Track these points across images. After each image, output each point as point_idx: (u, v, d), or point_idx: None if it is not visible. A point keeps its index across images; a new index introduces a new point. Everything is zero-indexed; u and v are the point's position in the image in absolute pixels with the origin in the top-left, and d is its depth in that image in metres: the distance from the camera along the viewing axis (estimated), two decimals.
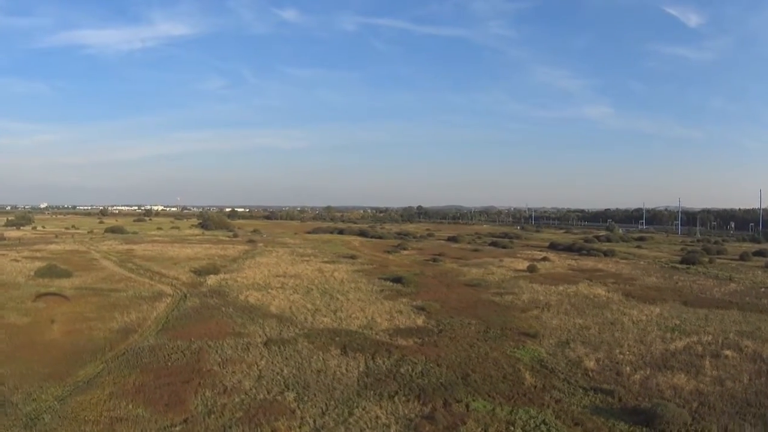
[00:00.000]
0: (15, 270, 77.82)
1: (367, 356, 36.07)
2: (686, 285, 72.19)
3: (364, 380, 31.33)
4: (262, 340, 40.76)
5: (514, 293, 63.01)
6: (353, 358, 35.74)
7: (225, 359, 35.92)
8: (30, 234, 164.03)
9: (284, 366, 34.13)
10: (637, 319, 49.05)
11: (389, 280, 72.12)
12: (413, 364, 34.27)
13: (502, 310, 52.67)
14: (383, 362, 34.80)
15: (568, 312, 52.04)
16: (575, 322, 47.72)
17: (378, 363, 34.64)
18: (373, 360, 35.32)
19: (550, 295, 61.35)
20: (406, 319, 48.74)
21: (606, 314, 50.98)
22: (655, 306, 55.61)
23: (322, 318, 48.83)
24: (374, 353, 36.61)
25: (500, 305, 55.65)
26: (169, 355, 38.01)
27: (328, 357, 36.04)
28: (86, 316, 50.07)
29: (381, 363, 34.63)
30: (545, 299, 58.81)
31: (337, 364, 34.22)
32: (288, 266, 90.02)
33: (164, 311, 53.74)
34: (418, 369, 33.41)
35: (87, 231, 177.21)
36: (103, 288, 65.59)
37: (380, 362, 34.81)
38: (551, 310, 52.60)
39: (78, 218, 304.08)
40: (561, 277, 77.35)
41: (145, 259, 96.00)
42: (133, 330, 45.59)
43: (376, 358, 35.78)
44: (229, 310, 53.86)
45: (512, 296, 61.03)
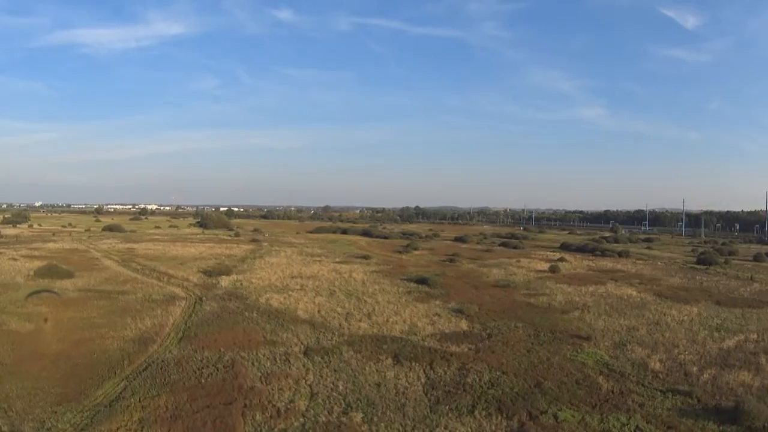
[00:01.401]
0: (13, 270, 72.72)
1: (424, 366, 33.35)
2: (711, 285, 71.23)
3: (432, 393, 28.74)
4: (300, 349, 37.39)
5: (545, 294, 61.22)
6: (409, 368, 32.90)
7: (266, 373, 32.15)
8: (27, 232, 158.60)
9: (337, 380, 30.85)
10: (679, 319, 48.46)
11: (413, 281, 69.79)
12: (478, 373, 31.99)
13: (541, 312, 51.03)
14: (444, 372, 32.31)
15: (609, 313, 50.84)
16: (620, 323, 46.56)
17: (439, 373, 32.10)
18: (432, 369, 32.69)
19: (584, 296, 59.84)
20: (448, 322, 46.41)
21: (646, 315, 50.17)
22: (690, 306, 54.99)
23: (358, 323, 45.76)
24: (431, 362, 33.96)
25: (538, 307, 53.93)
26: (200, 370, 33.25)
27: (382, 368, 33.08)
28: (95, 323, 45.12)
29: (442, 373, 32.12)
30: (580, 300, 57.33)
31: (394, 376, 31.40)
32: (301, 267, 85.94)
33: (181, 316, 48.88)
34: (485, 378, 31.16)
35: (84, 229, 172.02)
36: (109, 290, 60.55)
37: (441, 372, 32.27)
38: (591, 312, 51.22)
39: (74, 216, 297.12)
40: (585, 278, 75.75)
41: (148, 259, 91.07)
42: (150, 339, 40.64)
43: (434, 367, 33.12)
44: (252, 314, 49.64)
45: (546, 297, 59.20)
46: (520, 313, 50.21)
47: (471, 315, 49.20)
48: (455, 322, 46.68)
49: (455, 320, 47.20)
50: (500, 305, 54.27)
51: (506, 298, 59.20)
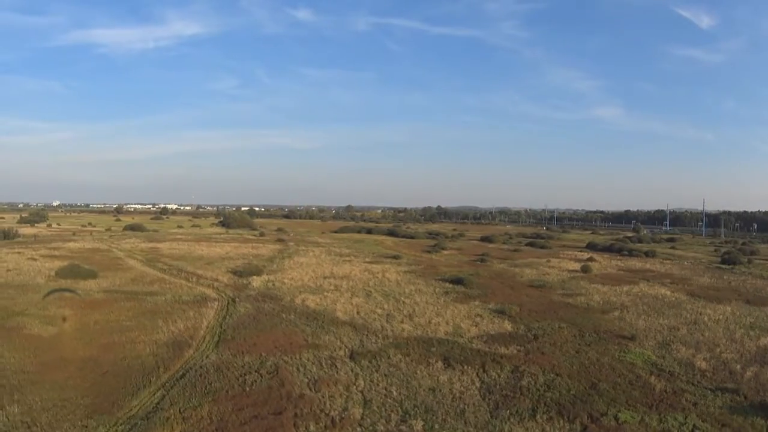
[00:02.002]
0: (33, 270, 70.58)
1: (476, 369, 32.39)
2: (739, 284, 71.33)
3: (489, 398, 27.95)
4: (345, 352, 35.70)
5: (582, 294, 60.68)
6: (461, 371, 31.82)
7: (313, 379, 30.23)
8: (45, 231, 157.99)
9: (389, 385, 29.44)
10: (715, 318, 48.70)
11: (448, 282, 68.59)
12: (533, 376, 31.23)
13: (581, 313, 50.62)
14: (497, 375, 31.51)
15: (648, 313, 50.72)
16: (660, 322, 46.58)
17: (492, 376, 31.27)
18: (485, 373, 31.79)
19: (619, 296, 59.48)
20: (491, 324, 45.47)
21: (683, 314, 50.39)
22: (723, 305, 54.93)
23: (400, 325, 44.18)
24: (482, 365, 33.02)
25: (577, 307, 53.42)
26: (243, 377, 30.60)
27: (433, 371, 31.93)
28: (123, 325, 42.42)
29: (495, 376, 31.32)
30: (618, 300, 56.98)
31: (448, 380, 30.26)
32: (332, 267, 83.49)
33: (215, 319, 46.21)
34: (540, 381, 30.39)
35: (105, 229, 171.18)
36: (136, 291, 58.00)
37: (494, 375, 31.44)
38: (630, 312, 51.06)
39: (93, 216, 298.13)
40: (617, 278, 75.38)
41: (174, 258, 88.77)
42: (185, 343, 37.82)
43: (487, 370, 32.22)
44: (290, 316, 47.22)
45: (583, 297, 58.63)
46: (561, 314, 49.59)
47: (513, 316, 48.40)
48: (498, 323, 45.67)
49: (498, 321, 46.20)
50: (539, 306, 53.55)
51: (544, 298, 58.40)
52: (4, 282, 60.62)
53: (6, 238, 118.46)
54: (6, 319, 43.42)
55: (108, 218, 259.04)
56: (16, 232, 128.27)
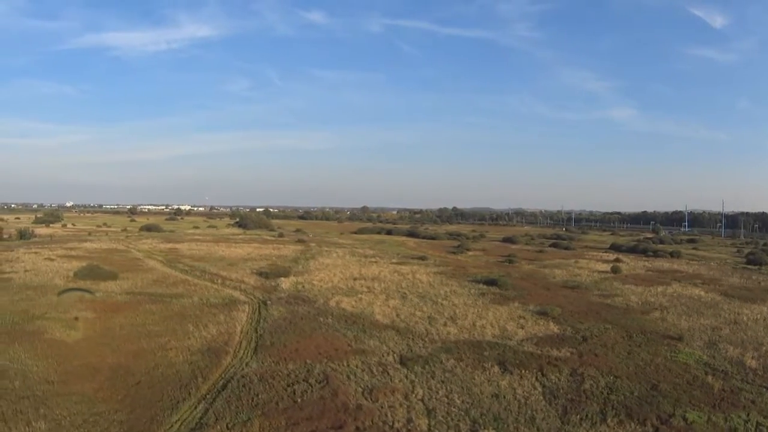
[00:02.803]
0: (51, 270, 68.50)
1: (534, 372, 31.45)
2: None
3: (555, 403, 27.01)
4: (394, 358, 34.06)
5: (618, 295, 60.38)
6: (520, 375, 30.89)
7: (368, 388, 28.48)
8: (60, 231, 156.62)
9: (449, 392, 27.98)
10: (754, 318, 48.88)
11: (481, 283, 67.42)
12: (593, 379, 30.62)
13: (622, 313, 50.21)
14: (557, 378, 30.62)
15: (688, 313, 50.63)
16: (702, 322, 46.65)
17: (552, 380, 30.37)
18: (545, 376, 30.83)
19: (656, 297, 59.18)
20: (536, 325, 44.54)
21: (722, 314, 50.41)
22: (758, 305, 55.25)
23: (444, 327, 42.74)
24: (540, 368, 32.07)
25: (616, 308, 53.00)
26: (291, 386, 28.28)
27: (491, 376, 30.77)
28: (151, 330, 39.92)
29: (555, 380, 30.45)
30: (655, 301, 56.72)
31: (508, 385, 29.23)
32: (359, 268, 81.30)
33: (249, 323, 43.84)
34: (601, 383, 29.84)
35: (121, 229, 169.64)
36: (160, 293, 55.61)
37: (554, 379, 30.56)
38: (670, 312, 50.84)
39: (107, 216, 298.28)
40: (648, 278, 74.93)
41: (195, 259, 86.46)
42: (221, 350, 35.22)
43: (546, 374, 31.24)
44: (327, 320, 45.13)
45: (620, 298, 58.24)
46: (603, 315, 49.14)
47: (556, 317, 47.64)
48: (543, 324, 44.81)
49: (543, 323, 45.33)
50: (579, 307, 52.90)
51: (581, 299, 57.83)
52: (22, 283, 58.47)
53: (22, 238, 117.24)
54: (26, 322, 41.14)
55: (123, 219, 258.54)
56: (32, 232, 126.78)
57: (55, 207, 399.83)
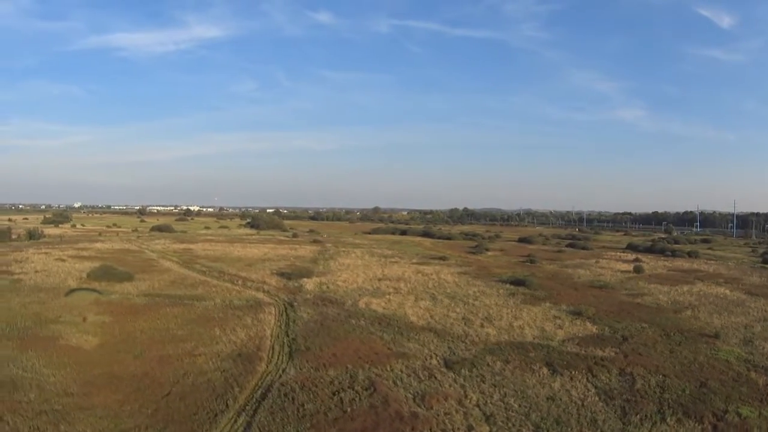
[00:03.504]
0: (62, 271, 66.31)
1: (584, 373, 30.75)
2: None
3: (612, 404, 26.50)
4: (438, 361, 32.63)
5: (646, 294, 59.83)
6: (570, 376, 30.10)
7: (418, 394, 26.83)
8: (70, 232, 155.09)
9: (504, 396, 26.90)
10: None
11: (507, 283, 66.27)
12: (643, 378, 30.19)
13: (655, 312, 49.68)
14: (608, 379, 30.13)
15: (718, 311, 50.41)
16: (733, 320, 46.47)
17: (603, 380, 29.85)
18: (595, 377, 30.29)
19: (683, 296, 58.92)
20: (573, 326, 43.73)
21: (751, 312, 50.37)
22: None
23: (482, 329, 41.43)
24: (589, 369, 31.46)
25: (647, 307, 52.48)
26: (336, 395, 26.19)
27: (542, 378, 29.96)
28: (175, 335, 37.40)
29: (606, 380, 29.94)
30: (684, 300, 56.52)
31: (561, 387, 28.42)
32: (381, 268, 79.11)
33: (278, 326, 41.51)
34: (652, 383, 29.46)
35: (131, 229, 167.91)
36: (179, 294, 53.19)
37: (605, 379, 30.05)
38: (701, 311, 50.75)
39: (116, 217, 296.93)
40: (671, 278, 74.57)
41: (211, 260, 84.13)
42: (253, 355, 32.73)
43: (596, 374, 30.66)
44: (360, 322, 43.06)
45: (650, 297, 57.76)
46: (636, 314, 48.62)
47: (591, 317, 46.95)
48: (580, 325, 44.06)
49: (580, 323, 44.58)
50: (610, 306, 52.30)
51: (610, 298, 57.17)
52: (33, 284, 56.18)
53: (32, 238, 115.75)
54: (39, 327, 38.72)
55: (132, 219, 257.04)
56: (41, 233, 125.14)
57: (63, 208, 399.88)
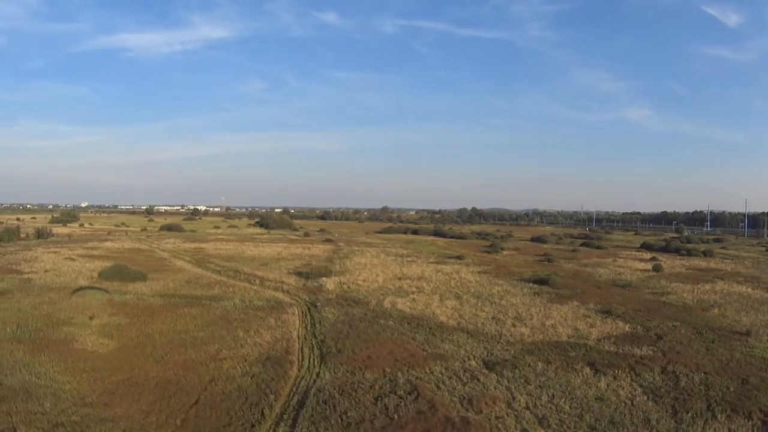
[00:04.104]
0: (72, 270, 64.57)
1: (627, 372, 30.11)
2: None
3: (661, 402, 25.96)
4: (477, 363, 31.39)
5: (670, 293, 59.09)
6: (613, 376, 29.49)
7: (464, 397, 25.46)
8: (78, 231, 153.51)
9: (553, 398, 25.82)
10: None
11: (530, 282, 65.23)
12: (686, 376, 29.81)
13: (682, 311, 49.19)
14: (651, 378, 29.52)
15: (744, 309, 49.93)
16: (761, 318, 46.02)
17: (647, 379, 29.26)
18: (638, 376, 29.67)
19: (707, 294, 58.24)
20: (605, 324, 42.73)
21: None
22: None
23: (515, 329, 40.28)
24: (631, 368, 30.83)
25: (674, 305, 51.89)
26: (379, 400, 24.58)
27: (587, 378, 29.16)
28: (196, 337, 35.26)
29: (650, 379, 29.34)
30: (708, 298, 55.93)
31: (607, 387, 27.77)
32: (399, 267, 77.22)
33: (303, 327, 39.58)
34: (695, 380, 29.15)
35: (140, 228, 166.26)
36: (196, 295, 51.18)
37: (648, 378, 29.45)
38: (727, 309, 50.17)
39: (124, 216, 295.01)
40: (691, 276, 73.82)
41: (224, 259, 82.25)
42: (283, 359, 30.74)
43: (639, 373, 30.05)
44: (388, 322, 41.34)
45: (674, 296, 57.11)
46: (664, 312, 48.02)
47: (621, 316, 46.12)
48: (612, 323, 43.10)
49: (611, 322, 43.62)
50: (637, 305, 51.49)
51: (635, 297, 56.33)
52: (43, 284, 54.29)
53: (40, 237, 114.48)
54: (51, 329, 36.65)
55: (140, 219, 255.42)
56: (50, 231, 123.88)
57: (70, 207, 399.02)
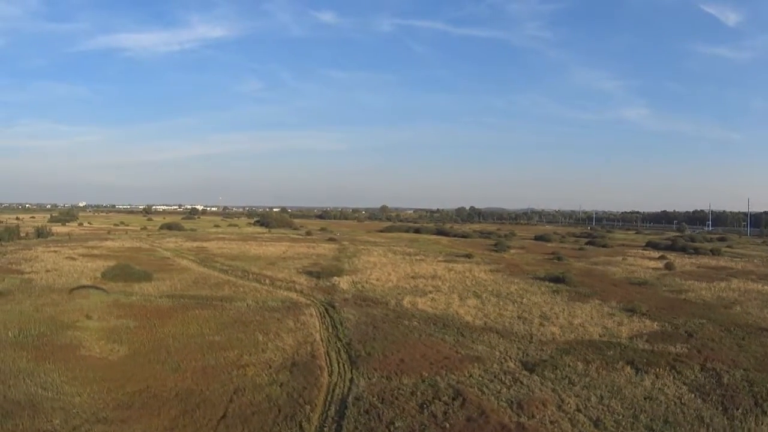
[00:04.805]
0: (74, 270, 62.37)
1: (668, 370, 29.42)
2: None
3: (709, 399, 25.39)
4: (515, 364, 30.23)
5: (688, 290, 58.46)
6: (655, 374, 28.79)
7: (511, 401, 24.23)
8: (78, 230, 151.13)
9: (602, 399, 24.93)
10: None
11: (546, 280, 64.19)
12: (727, 373, 29.21)
13: (705, 308, 48.60)
14: (693, 375, 29.03)
15: (766, 306, 49.37)
16: None
17: (689, 377, 28.75)
18: (680, 374, 29.10)
19: (725, 292, 57.54)
20: (632, 322, 41.95)
21: None
22: None
23: (544, 328, 39.24)
24: (670, 366, 30.19)
25: (695, 303, 51.35)
26: (425, 408, 22.96)
27: (630, 377, 28.37)
28: (212, 341, 32.99)
29: (692, 376, 28.84)
30: (727, 296, 55.22)
31: (652, 386, 27.10)
32: (409, 266, 75.57)
33: (324, 329, 37.53)
34: (736, 377, 28.64)
35: (140, 227, 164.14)
36: (206, 295, 48.96)
37: (690, 375, 28.93)
38: (748, 306, 49.50)
39: (122, 215, 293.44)
40: (704, 275, 72.69)
41: (229, 258, 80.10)
42: (310, 364, 28.63)
43: (679, 371, 29.44)
44: (412, 323, 39.64)
45: (692, 294, 56.46)
46: (687, 310, 47.43)
47: (645, 314, 45.31)
48: (639, 321, 42.35)
49: (637, 320, 42.91)
50: (658, 303, 50.90)
51: (655, 295, 55.69)
52: (45, 285, 51.99)
53: (40, 236, 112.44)
54: (55, 333, 34.27)
55: (139, 218, 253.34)
56: (49, 230, 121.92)
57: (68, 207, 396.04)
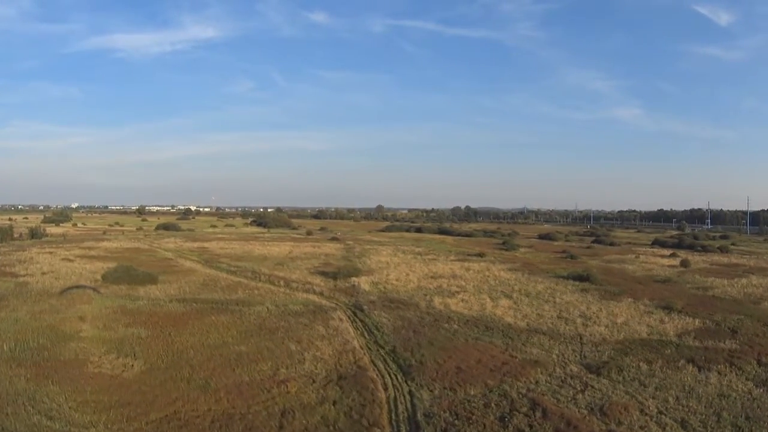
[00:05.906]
0: (72, 273, 58.74)
1: (728, 366, 28.90)
2: None
3: None
4: (577, 367, 28.89)
5: (712, 287, 57.77)
6: (718, 371, 28.16)
7: (592, 408, 22.76)
8: (72, 231, 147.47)
9: (678, 399, 24.08)
10: None
11: (569, 279, 62.56)
12: None
13: (736, 304, 48.02)
14: (754, 370, 28.49)
15: None
16: None
17: (750, 372, 28.26)
18: (740, 369, 28.57)
19: (749, 288, 57.11)
20: (673, 320, 41.02)
21: None
22: None
23: (589, 328, 37.99)
24: (729, 362, 29.66)
25: (725, 299, 50.69)
26: (505, 421, 21.36)
27: (696, 375, 27.71)
28: (240, 353, 29.32)
29: (753, 371, 28.31)
30: (753, 292, 54.65)
31: (720, 383, 26.41)
32: (424, 266, 72.98)
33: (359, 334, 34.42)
34: None
35: (136, 228, 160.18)
36: (219, 299, 45.37)
37: (751, 371, 28.40)
38: None
39: (116, 216, 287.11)
40: (720, 272, 71.93)
41: (234, 259, 76.66)
42: (359, 376, 25.60)
43: (739, 366, 28.95)
44: (453, 326, 37.38)
45: (719, 290, 55.79)
46: (721, 306, 46.88)
47: (682, 311, 44.30)
48: (679, 319, 41.46)
49: (677, 317, 41.98)
50: (690, 299, 49.99)
51: (681, 292, 54.77)
52: (42, 289, 48.21)
53: (34, 237, 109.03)
54: (56, 346, 30.25)
55: (133, 218, 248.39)
56: (43, 231, 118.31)
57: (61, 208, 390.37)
